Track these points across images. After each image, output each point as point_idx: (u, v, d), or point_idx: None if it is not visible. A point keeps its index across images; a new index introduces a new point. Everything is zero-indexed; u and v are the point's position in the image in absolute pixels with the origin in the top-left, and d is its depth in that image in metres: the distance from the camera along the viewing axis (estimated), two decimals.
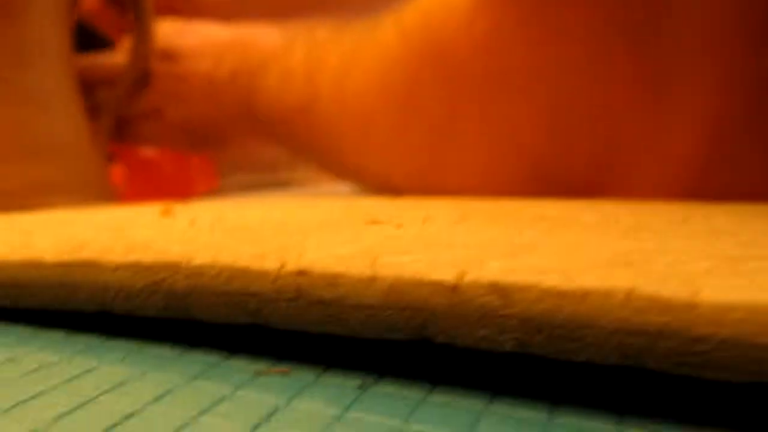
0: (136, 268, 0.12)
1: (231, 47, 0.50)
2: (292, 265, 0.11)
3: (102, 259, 0.13)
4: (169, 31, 0.51)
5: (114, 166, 0.51)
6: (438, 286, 0.10)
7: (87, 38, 0.52)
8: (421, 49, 0.29)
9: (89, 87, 0.47)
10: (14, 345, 0.13)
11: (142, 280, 0.12)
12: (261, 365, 0.11)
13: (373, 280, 0.10)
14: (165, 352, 0.12)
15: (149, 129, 0.52)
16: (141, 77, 0.49)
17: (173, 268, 0.12)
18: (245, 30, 0.51)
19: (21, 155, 0.38)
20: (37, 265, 0.13)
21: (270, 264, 0.11)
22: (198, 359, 0.12)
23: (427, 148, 0.30)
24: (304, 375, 0.11)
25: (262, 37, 0.49)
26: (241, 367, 0.11)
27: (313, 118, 0.40)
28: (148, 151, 0.54)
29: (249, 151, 0.56)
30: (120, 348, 0.12)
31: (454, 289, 0.10)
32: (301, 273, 0.11)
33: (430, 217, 0.16)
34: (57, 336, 0.13)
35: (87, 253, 0.13)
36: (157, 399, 0.10)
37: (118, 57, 0.51)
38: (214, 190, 0.56)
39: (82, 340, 0.13)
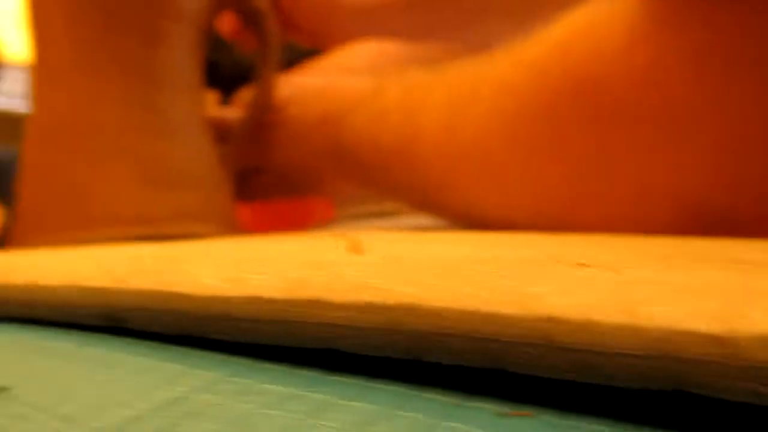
0: (368, 308, 0.12)
1: (320, 92, 0.51)
2: (538, 311, 0.11)
3: (329, 298, 0.13)
4: None
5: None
6: (704, 338, 0.10)
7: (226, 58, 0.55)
8: (559, 84, 0.28)
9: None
10: (238, 376, 0.13)
11: (375, 320, 0.12)
12: (500, 407, 0.11)
13: (631, 329, 0.10)
14: (399, 390, 0.12)
15: (250, 188, 0.53)
16: (256, 128, 0.51)
17: (409, 309, 0.12)
18: (335, 77, 0.52)
19: (164, 184, 0.40)
20: (257, 301, 0.14)
21: (512, 309, 0.11)
22: (436, 399, 0.12)
23: (566, 186, 0.30)
24: (548, 418, 0.11)
25: (351, 81, 0.50)
26: (481, 408, 0.11)
27: (413, 156, 0.39)
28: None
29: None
30: (351, 384, 0.13)
31: (720, 340, 0.10)
32: (551, 319, 0.11)
33: (631, 259, 0.16)
34: (280, 369, 0.14)
35: (311, 292, 0.13)
36: None
37: (233, 112, 0.53)
38: (329, 220, 0.57)
39: (307, 374, 0.13)
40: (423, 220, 0.51)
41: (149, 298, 0.16)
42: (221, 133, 0.51)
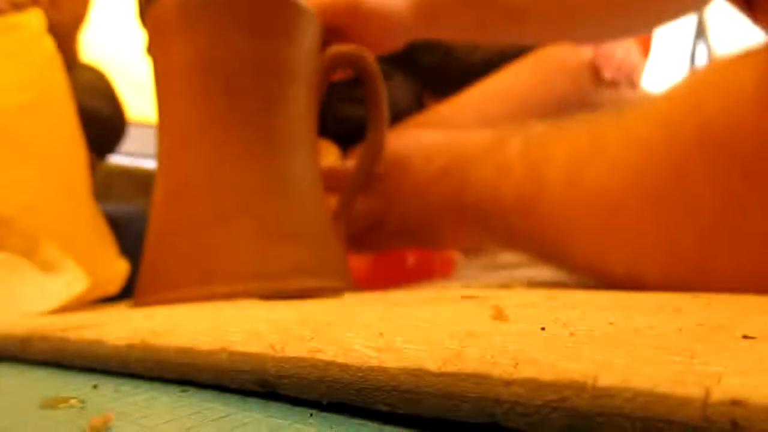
0: (533, 384, 0.12)
1: (442, 146, 0.51)
2: (719, 394, 0.11)
3: (492, 372, 0.13)
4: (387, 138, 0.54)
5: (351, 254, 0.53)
6: None
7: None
8: (691, 140, 0.28)
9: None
10: None
11: (541, 397, 0.12)
12: None
13: None
14: None
15: (372, 239, 0.54)
16: (366, 180, 0.52)
17: (577, 387, 0.12)
18: (456, 131, 0.53)
19: (281, 240, 0.41)
20: (418, 374, 0.14)
21: (692, 390, 0.11)
22: None
23: (696, 241, 0.29)
24: None
25: (472, 135, 0.50)
26: None
27: (535, 209, 0.39)
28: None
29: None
30: None
31: None
32: (736, 403, 0.10)
33: None
34: None
35: (472, 365, 0.13)
36: None
37: (348, 164, 0.55)
38: (450, 274, 0.57)
39: None
40: (541, 272, 0.50)
41: (303, 367, 0.16)
42: (335, 183, 0.52)
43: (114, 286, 0.57)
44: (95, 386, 0.21)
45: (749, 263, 0.27)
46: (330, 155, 0.64)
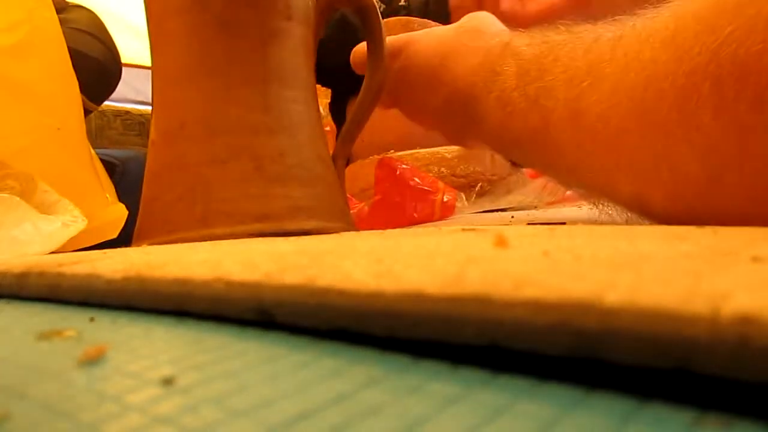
0: (536, 305, 0.12)
1: (442, 75, 0.50)
2: (728, 310, 0.10)
3: (493, 295, 0.13)
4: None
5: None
6: None
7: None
8: (698, 64, 0.27)
9: None
10: (398, 373, 0.13)
11: (545, 318, 0.12)
12: (689, 413, 0.11)
13: None
14: (574, 394, 0.12)
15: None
16: (365, 120, 0.52)
17: (582, 307, 0.11)
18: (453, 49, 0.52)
19: (280, 181, 0.41)
20: (417, 298, 0.14)
21: (701, 308, 0.11)
22: (611, 403, 0.11)
23: (698, 168, 0.28)
24: (746, 428, 0.10)
25: (467, 60, 0.49)
26: (669, 414, 0.11)
27: (544, 140, 0.39)
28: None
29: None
30: (514, 386, 0.12)
31: None
32: (746, 320, 0.10)
33: None
34: (440, 368, 0.13)
35: (473, 287, 0.13)
36: None
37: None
38: (450, 216, 0.57)
39: (469, 374, 0.13)
40: (543, 214, 0.50)
41: (301, 293, 0.16)
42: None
43: (112, 230, 0.57)
44: (92, 319, 0.20)
45: (755, 193, 0.26)
46: (321, 99, 0.64)
